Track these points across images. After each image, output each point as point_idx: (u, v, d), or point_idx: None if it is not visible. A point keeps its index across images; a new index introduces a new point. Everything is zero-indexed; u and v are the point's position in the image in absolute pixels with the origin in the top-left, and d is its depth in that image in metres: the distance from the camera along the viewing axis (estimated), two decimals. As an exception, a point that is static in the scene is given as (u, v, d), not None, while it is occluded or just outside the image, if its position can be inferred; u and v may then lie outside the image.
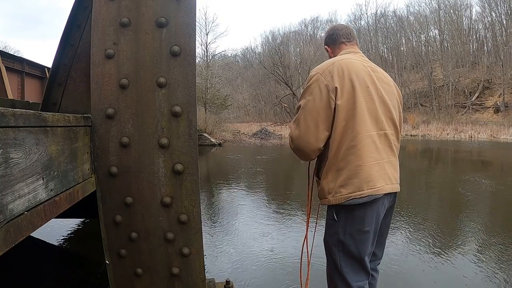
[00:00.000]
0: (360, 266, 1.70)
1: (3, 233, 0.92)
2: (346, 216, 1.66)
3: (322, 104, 1.64)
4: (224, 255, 3.74)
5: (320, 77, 1.67)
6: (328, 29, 2.03)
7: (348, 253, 1.68)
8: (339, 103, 1.62)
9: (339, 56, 1.81)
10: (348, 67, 1.68)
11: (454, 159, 13.64)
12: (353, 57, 1.78)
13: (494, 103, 32.19)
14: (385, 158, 1.69)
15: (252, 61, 56.11)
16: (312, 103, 1.66)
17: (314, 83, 1.68)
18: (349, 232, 1.67)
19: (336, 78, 1.64)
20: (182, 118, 1.60)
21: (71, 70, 1.85)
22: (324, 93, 1.64)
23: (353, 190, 1.61)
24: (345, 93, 1.63)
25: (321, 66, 1.74)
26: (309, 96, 1.67)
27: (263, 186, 8.04)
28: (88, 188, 1.54)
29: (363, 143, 1.62)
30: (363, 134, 1.62)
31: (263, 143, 20.88)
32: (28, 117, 1.07)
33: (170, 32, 1.60)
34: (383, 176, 1.66)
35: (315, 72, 1.71)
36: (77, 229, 4.55)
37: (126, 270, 1.69)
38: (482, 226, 4.68)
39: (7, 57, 6.61)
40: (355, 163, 1.62)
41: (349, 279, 1.68)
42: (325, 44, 2.00)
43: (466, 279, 3.10)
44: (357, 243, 1.67)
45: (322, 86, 1.64)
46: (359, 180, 1.61)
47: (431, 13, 42.40)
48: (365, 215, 1.65)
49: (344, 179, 1.63)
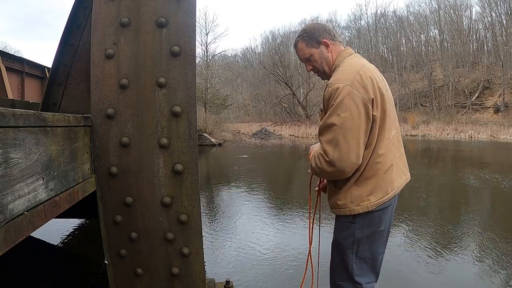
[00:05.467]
0: (372, 267, 1.71)
1: (3, 233, 0.92)
2: (364, 218, 1.65)
3: (362, 119, 1.53)
4: (224, 255, 3.74)
5: (351, 90, 1.52)
6: (316, 25, 1.78)
7: (362, 254, 1.68)
8: (375, 114, 1.56)
9: (355, 62, 1.67)
10: (372, 75, 1.60)
11: (454, 159, 13.64)
12: (363, 61, 1.70)
13: (494, 103, 32.17)
14: (397, 154, 1.72)
15: (252, 61, 56.06)
16: (350, 120, 1.51)
17: (346, 97, 1.51)
18: (366, 233, 1.66)
19: (369, 90, 1.54)
20: (182, 118, 1.60)
21: (71, 70, 1.85)
22: (361, 107, 1.52)
23: (382, 195, 1.63)
24: (379, 103, 1.58)
25: (345, 76, 1.57)
26: (344, 113, 1.51)
27: (263, 185, 8.04)
28: (88, 188, 1.54)
29: (388, 148, 1.64)
30: (387, 141, 1.64)
31: (263, 143, 20.88)
32: (28, 117, 1.07)
33: (170, 32, 1.60)
34: (398, 172, 1.70)
35: (343, 84, 1.53)
36: (77, 229, 4.55)
37: (126, 270, 1.69)
38: (482, 225, 4.69)
39: (7, 57, 6.61)
40: (383, 169, 1.63)
41: (359, 280, 1.68)
42: (323, 39, 1.72)
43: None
44: (372, 243, 1.68)
45: (357, 100, 1.51)
46: (386, 184, 1.63)
47: (431, 13, 42.39)
48: (383, 215, 1.67)
49: (373, 187, 1.62)
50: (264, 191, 7.39)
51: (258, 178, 9.20)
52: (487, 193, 7.02)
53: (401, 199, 1.91)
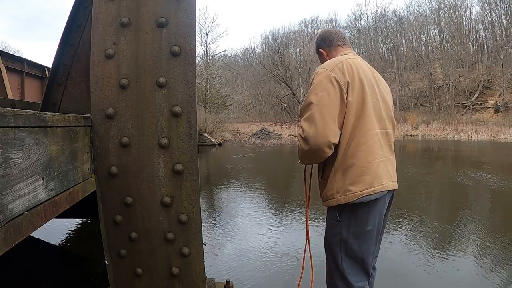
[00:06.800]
0: (361, 266, 1.69)
1: (3, 233, 0.92)
2: (350, 215, 1.66)
3: (337, 99, 1.59)
4: (224, 255, 3.74)
5: (330, 73, 1.62)
6: (320, 33, 1.98)
7: (350, 253, 1.68)
8: (350, 99, 1.61)
9: (342, 56, 1.77)
10: (356, 65, 1.67)
11: (454, 158, 13.64)
12: (355, 57, 1.78)
13: (494, 103, 32.17)
14: (386, 156, 1.71)
15: (252, 61, 56.06)
16: (327, 98, 1.59)
17: (325, 79, 1.62)
18: (352, 232, 1.66)
19: (346, 74, 1.62)
20: (182, 118, 1.60)
21: (71, 70, 1.85)
22: (337, 88, 1.60)
23: (364, 187, 1.60)
24: (355, 90, 1.62)
25: (327, 64, 1.69)
26: (322, 92, 1.60)
27: (263, 185, 8.04)
28: (88, 188, 1.54)
29: (372, 140, 1.63)
30: (372, 132, 1.63)
31: (263, 143, 20.88)
32: (28, 117, 1.07)
33: (170, 32, 1.60)
34: (386, 174, 1.68)
35: (323, 69, 1.65)
36: (77, 229, 4.55)
37: (126, 270, 1.69)
38: (482, 224, 4.69)
39: (7, 57, 6.60)
40: (366, 159, 1.61)
41: (350, 279, 1.68)
42: (318, 48, 1.94)
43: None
44: (360, 242, 1.66)
45: (334, 81, 1.60)
46: (370, 176, 1.61)
47: (431, 13, 42.40)
48: (369, 214, 1.65)
49: (353, 176, 1.62)
50: (264, 191, 7.40)
51: (258, 178, 9.20)
52: (487, 192, 7.02)
53: (401, 199, 1.90)
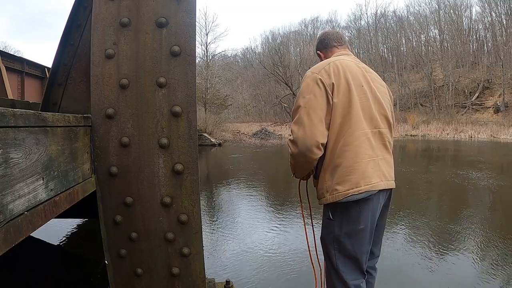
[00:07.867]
0: (355, 264, 1.70)
1: (3, 233, 0.92)
2: (342, 214, 1.68)
3: (323, 100, 1.64)
4: (224, 255, 3.74)
5: (316, 76, 1.68)
6: (318, 36, 2.06)
7: (343, 251, 1.69)
8: (335, 100, 1.64)
9: (333, 57, 1.83)
10: (343, 66, 1.70)
11: (454, 158, 13.64)
12: (346, 58, 1.81)
13: (494, 103, 32.17)
14: (380, 156, 1.71)
15: (252, 61, 56.08)
16: (314, 100, 1.64)
17: (311, 81, 1.67)
18: (344, 230, 1.67)
19: (332, 76, 1.66)
20: (182, 118, 1.60)
21: (71, 70, 1.85)
22: (323, 89, 1.65)
23: (350, 187, 1.62)
24: (341, 91, 1.65)
25: (316, 66, 1.76)
26: (309, 95, 1.66)
27: (263, 185, 8.04)
28: (88, 188, 1.54)
29: (359, 141, 1.64)
30: (359, 132, 1.65)
31: (263, 143, 20.88)
32: (28, 117, 1.07)
33: (170, 32, 1.60)
34: (378, 173, 1.68)
35: (311, 73, 1.72)
36: (77, 229, 4.55)
37: (126, 270, 1.69)
38: (482, 224, 4.69)
39: (7, 57, 6.60)
40: (352, 159, 1.63)
41: (345, 277, 1.69)
42: (317, 50, 2.01)
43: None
44: (353, 241, 1.67)
45: (320, 83, 1.65)
46: (356, 176, 1.62)
47: (431, 13, 42.40)
48: (360, 213, 1.65)
49: (340, 175, 1.64)
50: (264, 191, 7.40)
51: (258, 178, 9.20)
52: (488, 192, 7.02)
53: (401, 198, 1.90)
